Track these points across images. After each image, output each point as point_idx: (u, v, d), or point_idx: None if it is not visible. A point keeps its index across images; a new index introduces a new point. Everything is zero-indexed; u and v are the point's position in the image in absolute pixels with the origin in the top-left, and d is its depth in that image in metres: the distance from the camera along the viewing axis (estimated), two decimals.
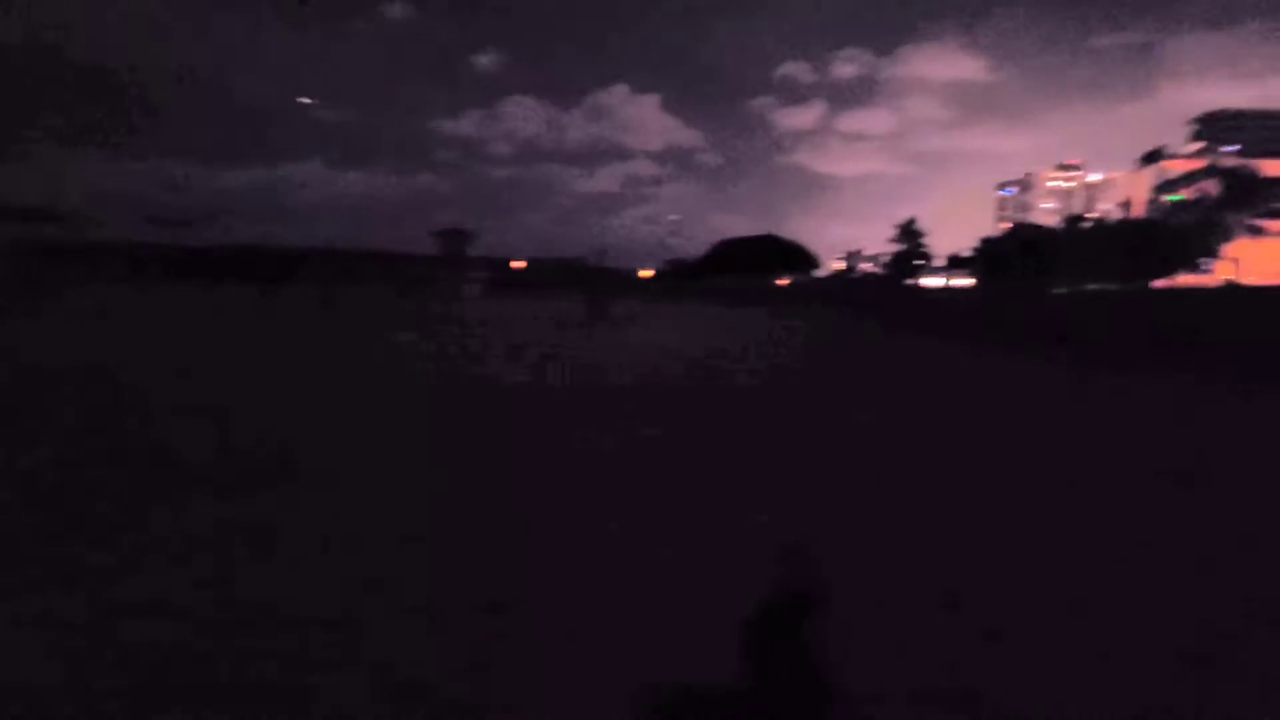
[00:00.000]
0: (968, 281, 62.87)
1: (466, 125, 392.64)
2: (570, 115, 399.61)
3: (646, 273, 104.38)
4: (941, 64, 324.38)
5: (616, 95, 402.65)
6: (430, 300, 51.92)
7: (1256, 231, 54.11)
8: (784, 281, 77.46)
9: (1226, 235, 53.58)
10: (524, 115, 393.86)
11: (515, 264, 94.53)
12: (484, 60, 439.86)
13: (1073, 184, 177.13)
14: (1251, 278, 55.16)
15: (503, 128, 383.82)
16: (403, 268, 76.71)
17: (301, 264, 69.28)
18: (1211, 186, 57.08)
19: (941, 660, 3.99)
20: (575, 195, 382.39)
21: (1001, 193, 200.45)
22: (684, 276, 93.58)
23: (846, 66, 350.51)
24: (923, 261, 68.49)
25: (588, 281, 43.46)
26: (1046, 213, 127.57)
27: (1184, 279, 51.00)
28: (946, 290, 51.16)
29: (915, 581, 4.88)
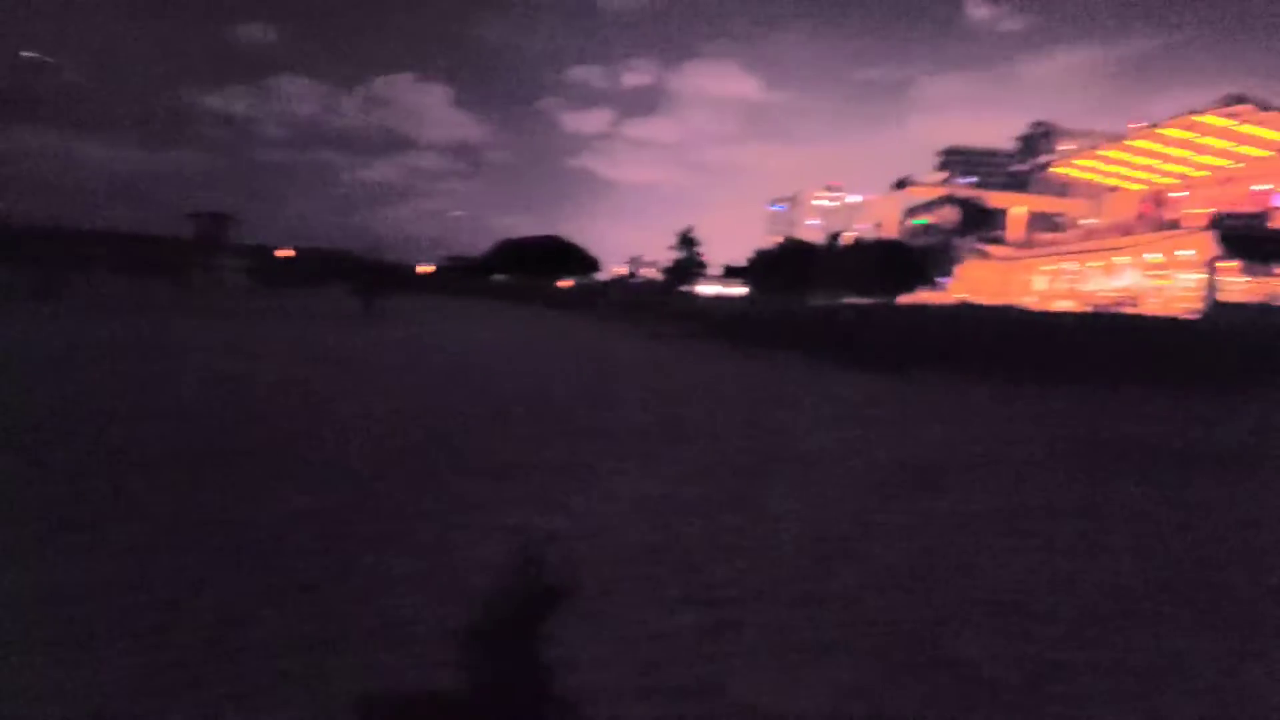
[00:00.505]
0: (741, 290, 66.50)
1: (230, 102, 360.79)
2: (350, 100, 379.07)
3: (426, 268, 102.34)
4: (723, 80, 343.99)
5: (401, 84, 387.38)
6: (178, 289, 48.25)
7: (982, 254, 61.99)
8: (566, 283, 78.24)
9: (958, 257, 60.97)
10: (297, 96, 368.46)
11: (282, 253, 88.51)
12: (250, 31, 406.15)
13: (835, 203, 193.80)
14: (978, 295, 62.96)
15: (273, 108, 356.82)
16: (145, 251, 69.90)
17: (18, 243, 60.11)
18: (950, 213, 64.58)
19: (679, 653, 4.06)
20: (352, 184, 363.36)
21: (773, 208, 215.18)
22: (465, 273, 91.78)
23: (635, 75, 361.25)
24: (699, 270, 71.72)
25: (360, 274, 41.33)
26: (812, 229, 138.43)
27: (925, 294, 57.03)
28: (717, 298, 53.75)
29: (656, 578, 4.96)
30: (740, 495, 6.90)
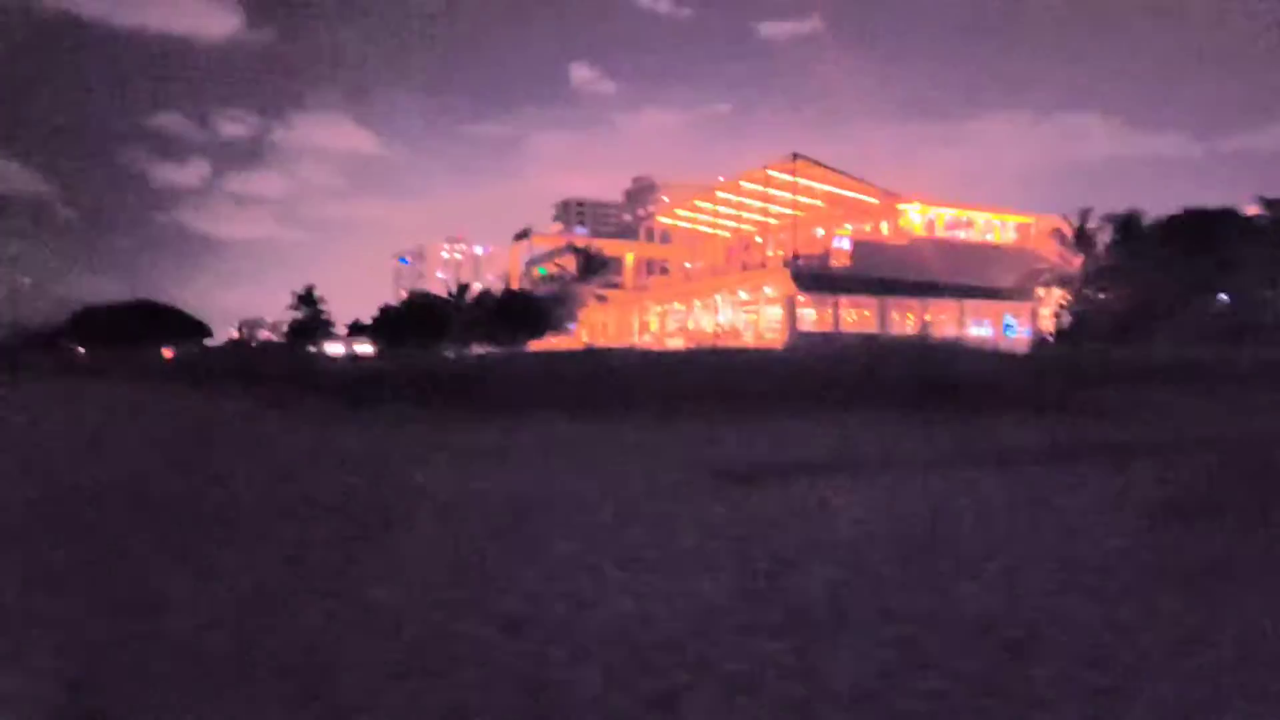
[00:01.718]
0: (369, 347, 64.85)
1: None
2: None
3: None
4: (333, 133, 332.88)
5: None
6: None
7: (601, 299, 67.29)
8: (169, 352, 69.93)
9: (581, 302, 65.44)
10: None
11: None
12: None
13: (461, 255, 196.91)
14: (601, 337, 67.99)
15: None
16: None
17: None
18: (569, 261, 69.06)
19: None
20: None
21: (399, 261, 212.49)
22: (36, 348, 78.12)
23: (232, 125, 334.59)
24: (324, 328, 68.69)
25: None
26: (440, 282, 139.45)
27: (553, 340, 60.22)
28: (345, 356, 52.03)
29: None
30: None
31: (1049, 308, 51.35)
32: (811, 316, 54.46)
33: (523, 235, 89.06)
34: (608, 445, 15.74)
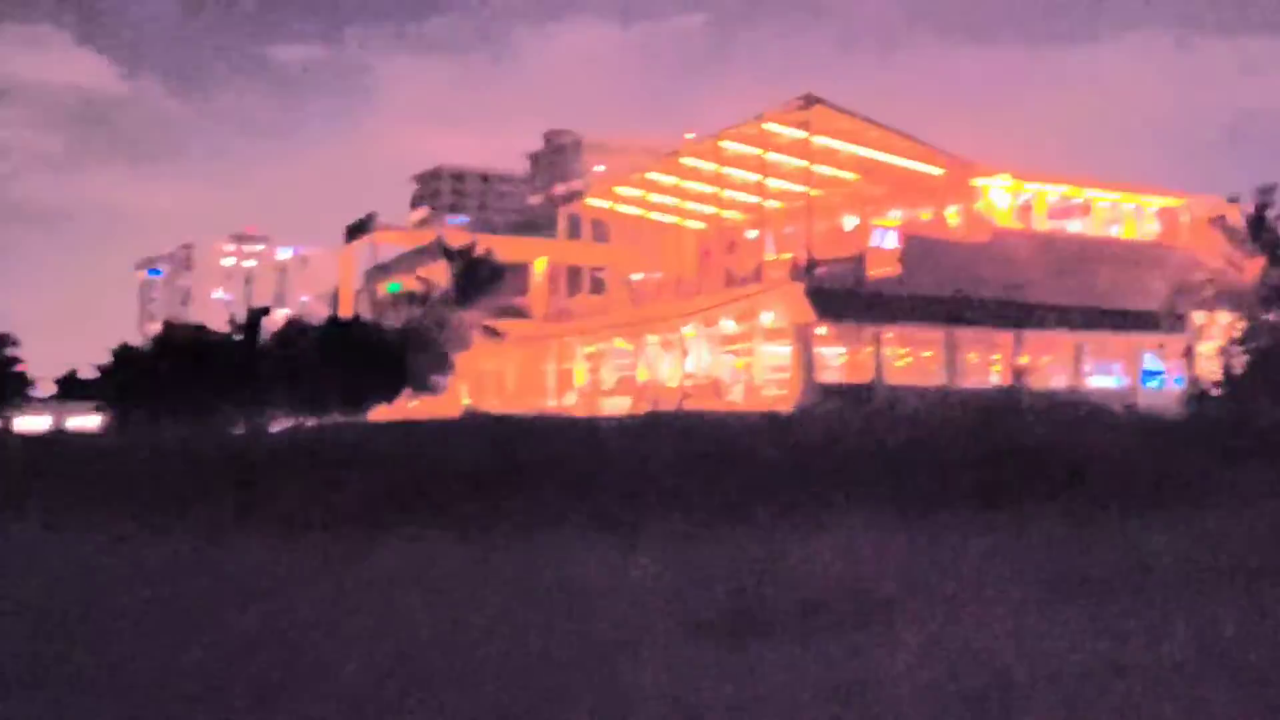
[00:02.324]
0: (93, 419, 63.71)
1: None
2: None
3: None
4: (39, 58, 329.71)
5: None
6: None
7: (495, 335, 67.09)
8: None
9: (460, 340, 65.27)
10: None
11: None
12: None
13: (253, 263, 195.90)
14: (495, 397, 67.83)
15: None
16: None
17: None
18: (438, 273, 69.00)
19: None
20: None
21: (147, 274, 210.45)
22: None
23: None
24: (14, 389, 67.49)
25: None
26: (219, 306, 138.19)
27: (418, 401, 59.82)
28: (51, 434, 50.98)
29: None
30: None
31: (1212, 340, 52.77)
32: (837, 359, 55.00)
33: (361, 230, 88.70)
34: (519, 582, 15.71)
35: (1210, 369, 50.63)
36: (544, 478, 25.10)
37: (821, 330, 53.05)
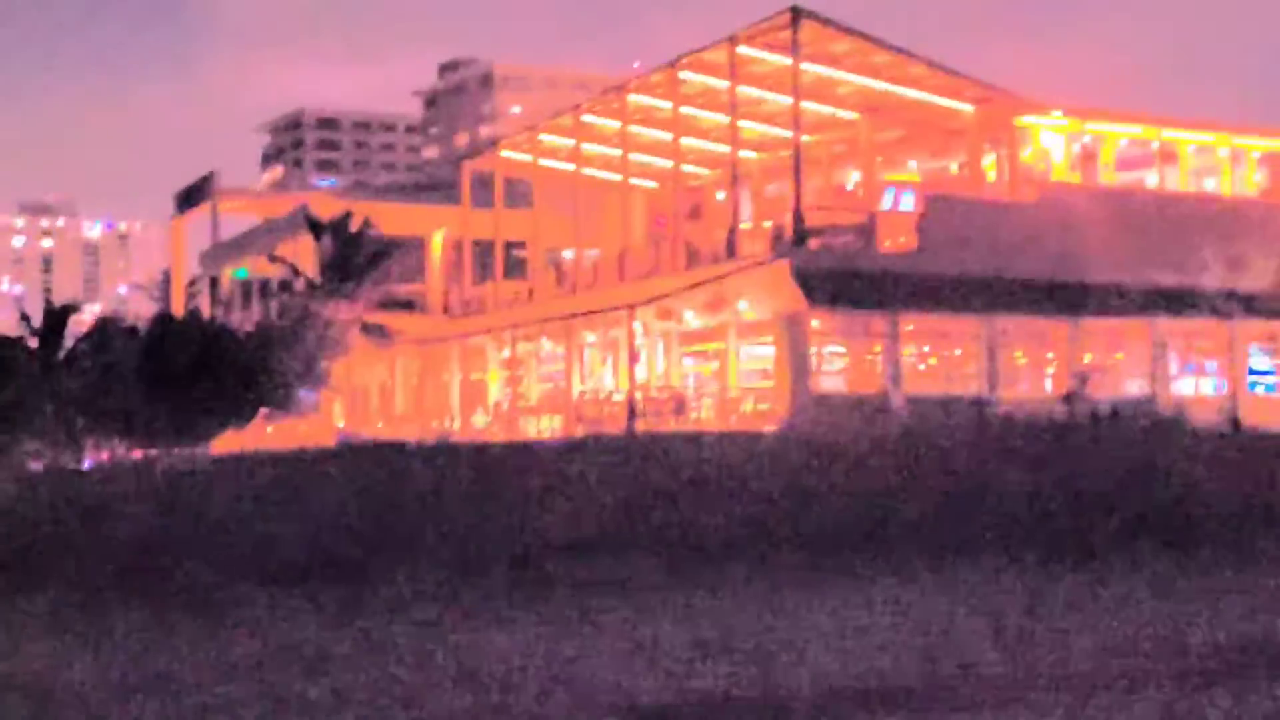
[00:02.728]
0: None
1: None
2: None
3: None
4: None
5: None
6: None
7: (382, 335, 66.55)
8: None
9: (333, 343, 64.62)
10: None
11: None
12: None
13: (49, 243, 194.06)
14: (376, 418, 67.14)
15: None
16: None
17: None
18: (300, 252, 68.34)
19: None
20: None
21: None
22: None
23: None
24: None
25: None
26: (10, 299, 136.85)
27: (280, 424, 59.27)
28: None
29: None
30: None
31: None
32: (838, 362, 54.80)
33: (196, 196, 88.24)
34: (435, 662, 15.65)
35: None
36: (445, 524, 25.10)
37: (816, 323, 52.91)
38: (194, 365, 56.54)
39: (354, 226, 68.17)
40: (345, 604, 20.59)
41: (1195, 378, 59.01)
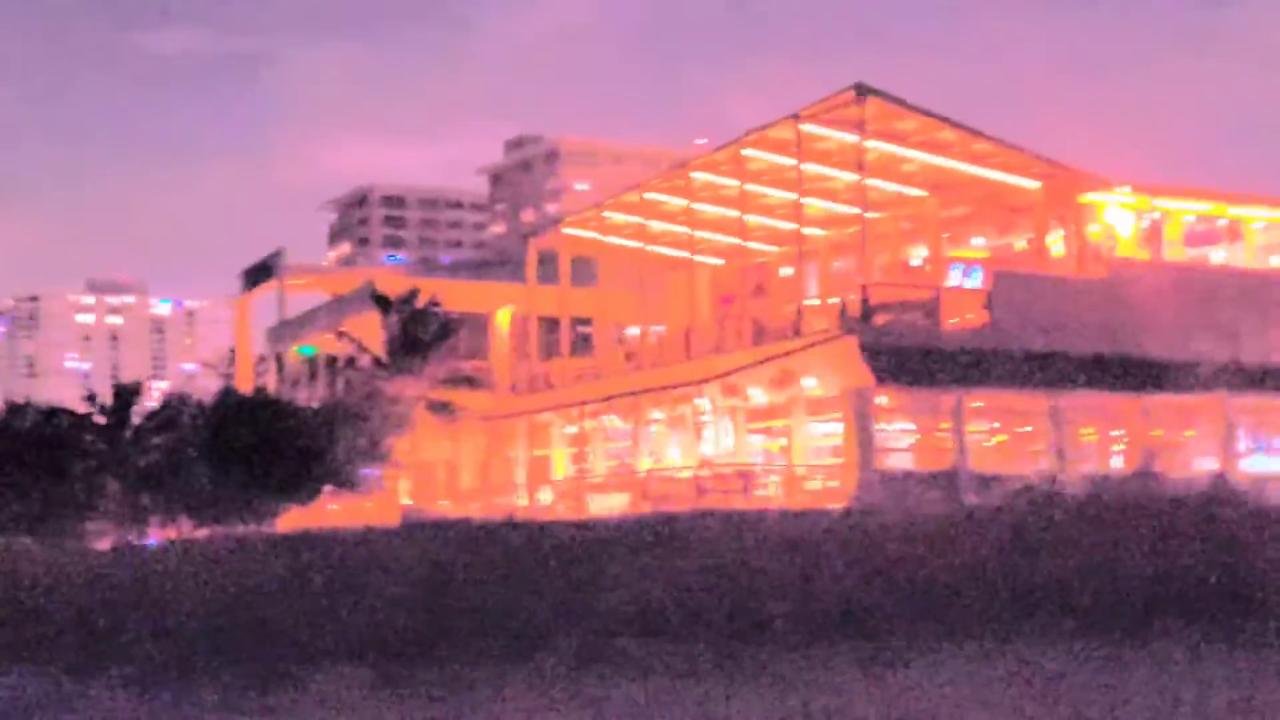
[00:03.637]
0: None
1: None
2: None
3: None
4: None
5: None
6: None
7: (448, 412, 66.72)
8: None
9: (399, 419, 64.83)
10: None
11: None
12: None
13: (119, 320, 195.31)
14: (443, 496, 67.11)
15: None
16: None
17: None
18: (366, 329, 68.67)
19: None
20: None
21: None
22: None
23: None
24: None
25: None
26: (71, 379, 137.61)
27: (344, 502, 59.37)
28: None
29: None
30: None
31: None
32: (906, 439, 54.53)
33: (263, 273, 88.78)
34: None
35: None
36: (507, 610, 25.03)
37: (883, 399, 52.75)
38: (259, 443, 56.80)
39: (420, 303, 68.58)
40: (402, 682, 20.59)
41: (1266, 454, 58.44)
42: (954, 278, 60.26)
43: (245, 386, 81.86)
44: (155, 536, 55.72)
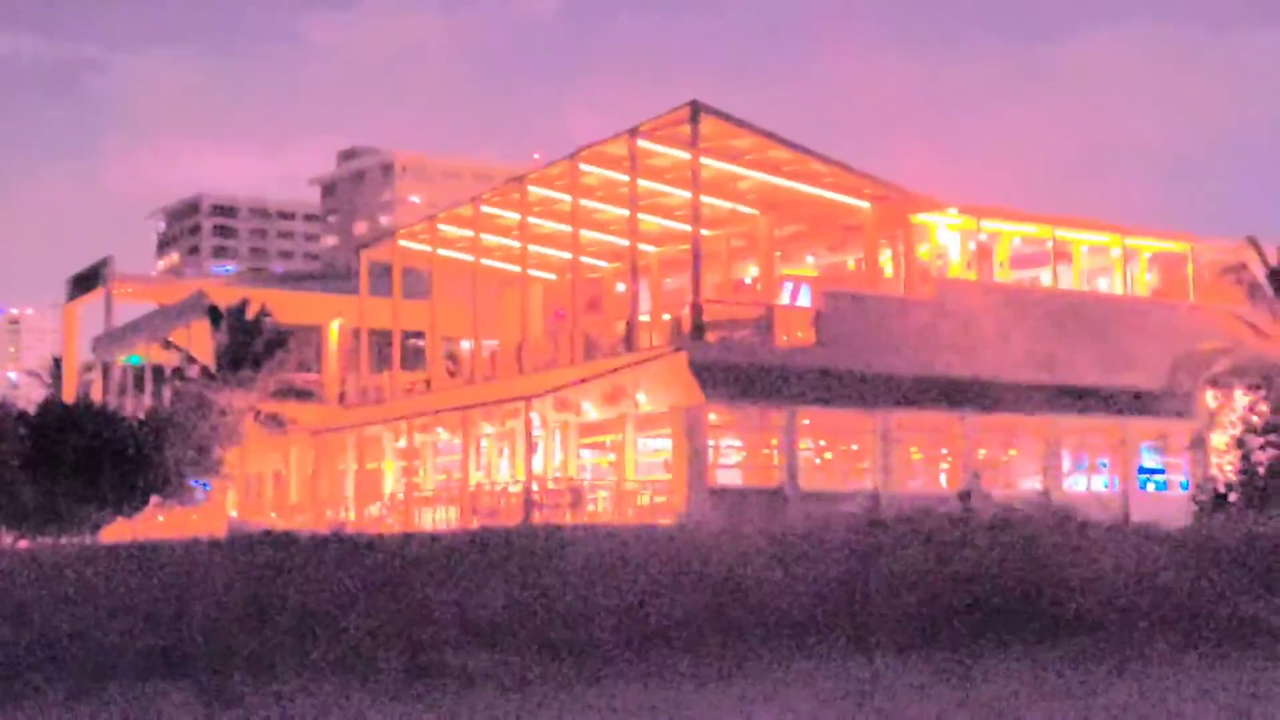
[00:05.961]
0: None
1: None
2: None
3: None
4: None
5: None
6: None
7: (276, 424, 65.89)
8: None
9: (227, 431, 63.98)
10: None
11: None
12: None
13: None
14: (269, 508, 66.28)
15: None
16: None
17: None
18: (194, 339, 67.66)
19: None
20: None
21: None
22: None
23: None
24: None
25: None
26: None
27: (171, 514, 58.37)
28: None
29: None
30: None
31: (1226, 429, 52.99)
32: (735, 455, 54.73)
33: (89, 281, 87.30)
34: None
35: (1226, 465, 50.64)
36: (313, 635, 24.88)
37: (713, 416, 52.90)
38: (84, 453, 55.70)
39: (251, 314, 67.89)
40: (225, 697, 20.25)
41: (1088, 475, 59.41)
42: (785, 296, 60.71)
43: (71, 396, 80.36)
44: None
